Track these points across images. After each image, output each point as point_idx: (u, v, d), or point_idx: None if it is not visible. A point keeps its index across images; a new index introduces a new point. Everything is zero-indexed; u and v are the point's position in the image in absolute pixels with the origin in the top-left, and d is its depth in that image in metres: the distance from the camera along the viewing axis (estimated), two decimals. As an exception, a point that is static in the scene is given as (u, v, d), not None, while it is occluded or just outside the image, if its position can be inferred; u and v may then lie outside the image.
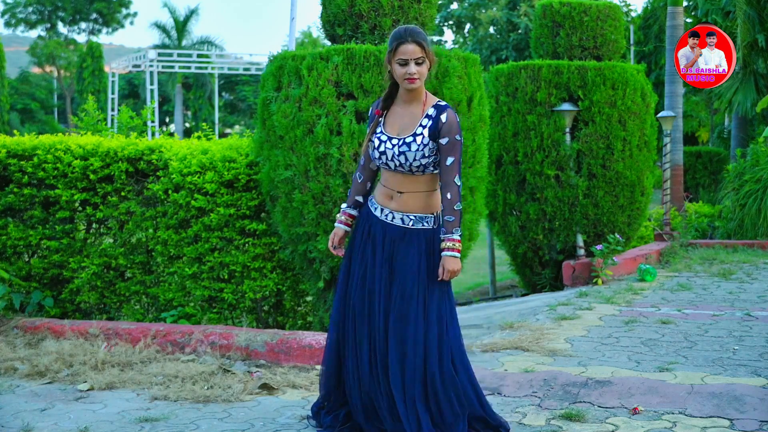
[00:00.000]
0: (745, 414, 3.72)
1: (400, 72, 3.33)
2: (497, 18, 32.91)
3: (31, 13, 50.67)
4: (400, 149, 3.36)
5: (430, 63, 3.37)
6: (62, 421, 3.90)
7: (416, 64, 3.32)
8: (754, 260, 8.75)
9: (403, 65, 3.32)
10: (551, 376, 4.31)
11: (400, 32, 3.35)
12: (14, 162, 6.19)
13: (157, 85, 29.22)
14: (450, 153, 3.34)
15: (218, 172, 5.83)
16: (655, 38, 24.07)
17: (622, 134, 8.30)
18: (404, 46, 3.31)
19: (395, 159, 3.38)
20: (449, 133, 3.34)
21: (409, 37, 3.31)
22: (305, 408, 3.98)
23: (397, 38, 3.33)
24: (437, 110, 3.37)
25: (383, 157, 3.41)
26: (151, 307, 6.29)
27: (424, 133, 3.35)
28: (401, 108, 3.45)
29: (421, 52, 3.32)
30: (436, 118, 3.35)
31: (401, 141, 3.37)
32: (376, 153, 3.43)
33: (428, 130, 3.35)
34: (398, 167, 3.39)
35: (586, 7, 8.70)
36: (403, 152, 3.36)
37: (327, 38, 6.05)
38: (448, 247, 3.36)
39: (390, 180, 3.45)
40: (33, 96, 48.11)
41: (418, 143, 3.34)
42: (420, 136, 3.35)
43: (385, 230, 3.43)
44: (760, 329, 5.45)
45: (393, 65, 3.35)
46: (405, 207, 3.41)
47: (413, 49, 3.31)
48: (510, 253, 8.96)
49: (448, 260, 3.36)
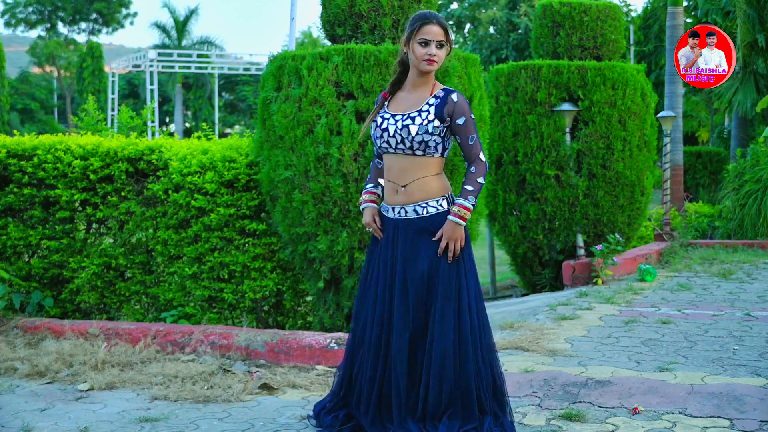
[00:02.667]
0: (745, 414, 3.71)
1: (420, 52, 3.30)
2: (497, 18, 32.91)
3: (31, 13, 50.66)
4: (403, 123, 3.32)
5: (449, 49, 3.36)
6: (62, 421, 3.90)
7: (437, 47, 3.31)
8: (754, 260, 8.75)
9: (425, 46, 3.30)
10: (551, 376, 4.31)
11: (425, 13, 3.34)
12: (14, 162, 6.20)
13: (157, 85, 29.21)
14: (470, 131, 3.32)
15: (218, 172, 5.83)
16: (655, 38, 24.08)
17: (622, 134, 8.30)
18: (428, 26, 3.29)
19: (397, 134, 3.33)
20: (464, 112, 3.31)
21: (434, 19, 3.31)
22: (305, 408, 3.97)
23: (421, 18, 3.32)
24: (446, 92, 3.35)
25: (384, 134, 3.37)
26: (151, 307, 6.29)
27: (430, 110, 3.31)
28: (408, 92, 3.42)
29: (443, 36, 3.31)
30: (444, 98, 3.32)
31: (405, 116, 3.34)
32: (378, 131, 3.40)
33: (435, 108, 3.32)
34: (399, 144, 3.33)
35: (586, 7, 8.70)
36: (406, 125, 3.31)
37: (327, 38, 6.04)
38: (454, 211, 3.31)
39: (393, 169, 3.40)
40: (33, 96, 48.12)
41: (422, 117, 3.30)
42: (426, 112, 3.32)
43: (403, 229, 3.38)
44: (760, 329, 5.45)
45: (413, 45, 3.31)
46: (412, 198, 3.36)
47: (437, 31, 3.30)
48: (510, 253, 8.96)
49: (447, 224, 3.31)
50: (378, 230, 3.49)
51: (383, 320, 3.39)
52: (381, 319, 3.40)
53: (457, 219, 3.31)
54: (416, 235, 3.36)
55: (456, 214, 3.31)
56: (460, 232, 3.31)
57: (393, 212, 3.42)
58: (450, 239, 3.31)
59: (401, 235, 3.39)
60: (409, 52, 3.35)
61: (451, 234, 3.31)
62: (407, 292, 3.35)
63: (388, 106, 3.45)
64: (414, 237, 3.36)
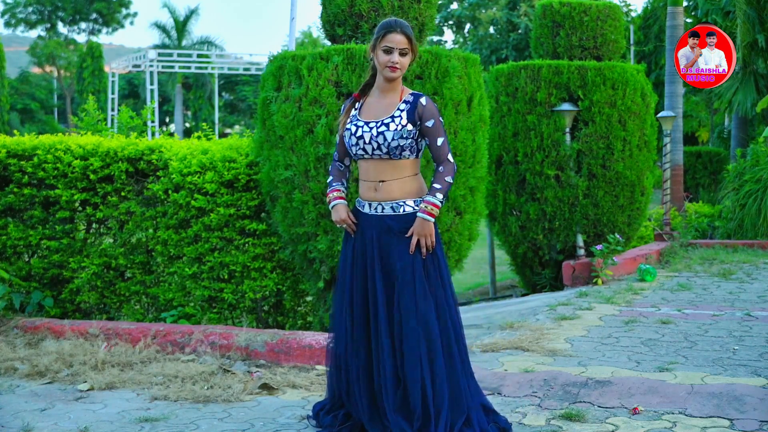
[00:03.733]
0: (745, 414, 3.71)
1: (383, 59, 3.38)
2: (497, 18, 32.92)
3: (31, 13, 50.66)
4: (378, 130, 3.38)
5: (413, 56, 3.43)
6: (62, 421, 3.90)
7: (400, 55, 3.37)
8: (754, 260, 8.75)
9: (388, 53, 3.37)
10: (551, 376, 4.31)
11: (390, 22, 3.41)
12: (14, 162, 6.19)
13: (157, 85, 29.22)
14: (438, 134, 3.39)
15: (218, 172, 5.83)
16: (655, 38, 24.08)
17: (622, 134, 8.30)
18: (392, 35, 3.37)
19: (372, 141, 3.38)
20: (433, 115, 3.39)
21: (398, 28, 3.38)
22: (305, 408, 3.98)
23: (386, 27, 3.40)
24: (414, 97, 3.42)
25: (360, 141, 3.42)
26: (151, 307, 6.29)
27: (402, 115, 3.38)
28: (376, 99, 3.48)
29: (406, 44, 3.38)
30: (414, 102, 3.39)
31: (379, 122, 3.40)
32: (353, 139, 3.44)
33: (406, 113, 3.38)
34: (375, 150, 3.39)
35: (586, 7, 8.70)
36: (381, 132, 3.37)
37: (327, 38, 6.05)
38: (422, 208, 3.37)
39: (369, 170, 3.45)
40: (33, 96, 48.11)
41: (396, 123, 3.37)
42: (398, 117, 3.38)
43: (378, 226, 3.42)
44: (760, 329, 5.45)
45: (377, 52, 3.40)
46: (391, 195, 3.41)
47: (400, 39, 3.37)
48: (510, 253, 8.96)
49: (417, 221, 3.36)
50: (352, 225, 3.53)
51: (364, 320, 3.43)
52: (364, 319, 3.43)
53: (425, 215, 3.36)
54: (389, 233, 3.41)
55: (424, 211, 3.36)
56: (430, 228, 3.37)
57: (369, 208, 3.47)
58: (420, 235, 3.36)
59: (375, 232, 3.43)
60: (374, 58, 3.42)
61: (420, 230, 3.36)
62: (386, 289, 3.39)
63: (360, 113, 3.50)
64: (387, 234, 3.41)
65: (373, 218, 3.44)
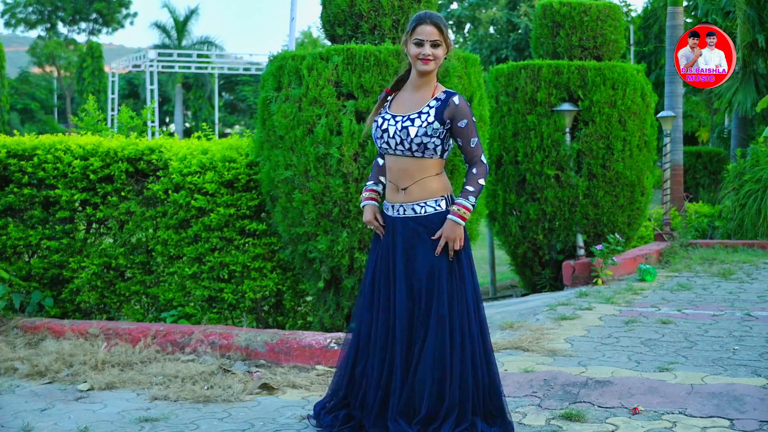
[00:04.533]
0: (745, 414, 3.71)
1: (414, 52, 3.34)
2: (497, 18, 32.91)
3: (31, 13, 50.68)
4: (403, 124, 3.35)
5: (446, 48, 3.38)
6: (62, 421, 3.90)
7: (432, 46, 3.33)
8: (754, 260, 8.75)
9: (419, 45, 3.33)
10: (551, 376, 4.31)
11: (420, 14, 3.38)
12: (14, 162, 6.19)
13: (157, 85, 29.22)
14: (471, 134, 3.36)
15: (218, 172, 5.83)
16: (655, 38, 24.08)
17: (622, 134, 8.30)
18: (422, 26, 3.34)
19: (396, 135, 3.35)
20: (465, 115, 3.34)
21: (428, 19, 3.34)
22: (305, 408, 3.98)
23: (416, 19, 3.36)
24: (447, 94, 3.37)
25: (384, 134, 3.39)
26: (151, 307, 6.29)
27: (430, 112, 3.34)
28: (409, 93, 3.44)
29: (438, 35, 3.33)
30: (445, 101, 3.34)
31: (405, 117, 3.37)
32: (379, 131, 3.42)
33: (435, 110, 3.34)
34: (398, 145, 3.36)
35: (586, 7, 8.70)
36: (406, 127, 3.33)
37: (327, 38, 6.04)
38: (453, 210, 3.33)
39: (393, 170, 3.42)
40: (33, 96, 48.14)
41: (422, 119, 3.33)
42: (426, 114, 3.34)
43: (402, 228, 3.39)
44: (760, 329, 5.45)
45: (409, 46, 3.37)
46: (412, 197, 3.37)
47: (430, 30, 3.33)
48: (510, 253, 8.96)
49: (447, 223, 3.33)
50: (380, 227, 3.51)
51: (388, 321, 3.41)
52: (386, 320, 3.42)
53: (456, 218, 3.32)
54: (414, 235, 3.38)
55: (456, 213, 3.33)
56: (460, 232, 3.33)
57: (393, 210, 3.45)
58: (449, 239, 3.33)
59: (399, 233, 3.41)
60: (407, 52, 3.39)
61: (450, 233, 3.32)
62: (408, 292, 3.36)
63: (390, 106, 3.48)
64: (412, 236, 3.38)
65: (397, 220, 3.42)
